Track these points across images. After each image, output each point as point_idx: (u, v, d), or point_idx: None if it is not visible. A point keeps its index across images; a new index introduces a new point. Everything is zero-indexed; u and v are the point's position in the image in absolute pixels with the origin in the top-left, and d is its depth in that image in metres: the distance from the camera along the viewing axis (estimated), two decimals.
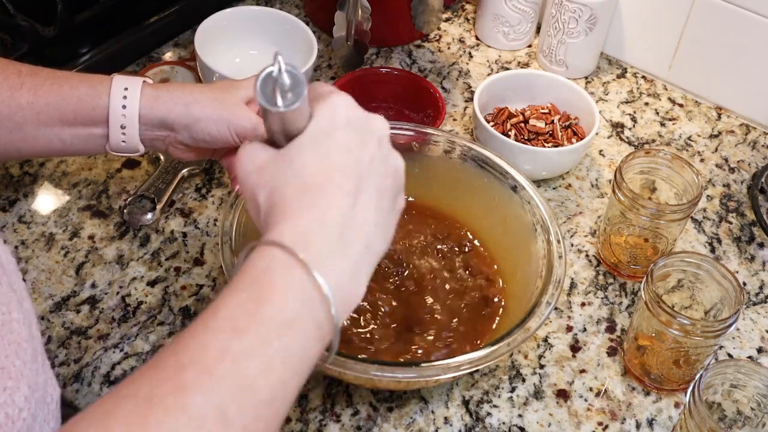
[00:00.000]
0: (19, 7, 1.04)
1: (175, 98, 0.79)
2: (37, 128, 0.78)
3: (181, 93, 0.80)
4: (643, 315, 0.82)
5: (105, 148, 0.80)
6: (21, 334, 0.54)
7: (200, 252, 0.94)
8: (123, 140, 0.79)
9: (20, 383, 0.51)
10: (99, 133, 0.79)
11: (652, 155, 0.93)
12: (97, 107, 0.78)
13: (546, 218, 0.85)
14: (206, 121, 0.79)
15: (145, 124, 0.79)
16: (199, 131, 0.79)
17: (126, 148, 0.80)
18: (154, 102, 0.78)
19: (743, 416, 0.79)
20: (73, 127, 0.78)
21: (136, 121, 0.78)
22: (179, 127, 0.79)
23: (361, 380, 0.79)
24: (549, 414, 0.83)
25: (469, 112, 1.13)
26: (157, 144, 0.81)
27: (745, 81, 1.13)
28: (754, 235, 1.02)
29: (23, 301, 0.57)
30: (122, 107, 0.78)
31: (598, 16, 1.12)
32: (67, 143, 0.80)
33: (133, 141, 0.80)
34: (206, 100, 0.79)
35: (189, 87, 0.81)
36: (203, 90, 0.80)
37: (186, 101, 0.79)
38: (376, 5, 1.06)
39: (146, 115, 0.78)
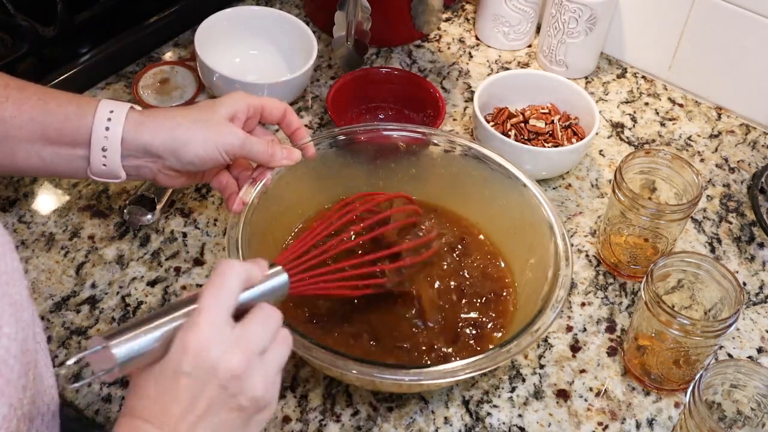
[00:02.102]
0: (19, 7, 1.04)
1: (158, 124, 0.79)
2: (18, 143, 0.77)
3: (163, 119, 0.79)
4: (643, 315, 0.82)
5: (86, 172, 0.80)
6: (10, 350, 0.53)
7: (200, 252, 0.94)
8: (104, 164, 0.78)
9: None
10: (80, 155, 0.78)
11: (652, 155, 0.93)
12: (82, 127, 0.77)
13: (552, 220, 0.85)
14: (193, 144, 0.78)
15: (128, 149, 0.78)
16: (186, 154, 0.78)
17: (107, 173, 0.79)
18: (138, 128, 0.78)
19: (743, 416, 0.79)
20: (55, 145, 0.78)
21: (118, 144, 0.77)
22: (166, 153, 0.78)
23: (362, 382, 0.79)
24: (549, 414, 0.83)
25: (469, 112, 1.13)
26: (144, 172, 0.81)
27: (745, 81, 1.13)
28: (754, 235, 1.02)
29: (23, 312, 0.56)
30: (105, 129, 0.77)
31: (598, 16, 1.12)
32: (47, 162, 0.79)
33: (114, 165, 0.79)
34: (189, 123, 0.79)
35: (172, 112, 0.80)
36: (185, 113, 0.80)
37: (170, 126, 0.78)
38: (376, 5, 1.06)
39: (130, 140, 0.78)
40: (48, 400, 0.63)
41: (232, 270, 0.61)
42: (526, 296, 0.85)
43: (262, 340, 0.60)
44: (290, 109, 0.85)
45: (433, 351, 0.82)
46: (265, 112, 0.84)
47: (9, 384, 0.52)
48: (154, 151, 0.78)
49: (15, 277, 0.57)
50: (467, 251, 0.90)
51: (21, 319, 0.56)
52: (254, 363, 0.59)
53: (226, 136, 0.79)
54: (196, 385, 0.57)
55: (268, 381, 0.60)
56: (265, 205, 0.85)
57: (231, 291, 0.60)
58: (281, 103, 0.85)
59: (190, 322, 0.58)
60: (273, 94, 1.06)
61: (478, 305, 0.86)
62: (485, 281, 0.88)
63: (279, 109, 0.85)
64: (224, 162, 0.81)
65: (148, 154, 0.79)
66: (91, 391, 0.81)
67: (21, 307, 0.56)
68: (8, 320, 0.54)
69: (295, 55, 1.12)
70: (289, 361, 0.84)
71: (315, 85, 1.14)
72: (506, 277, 0.89)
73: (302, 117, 1.10)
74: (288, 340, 0.63)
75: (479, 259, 0.90)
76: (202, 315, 0.58)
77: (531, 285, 0.85)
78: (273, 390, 0.61)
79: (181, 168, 0.80)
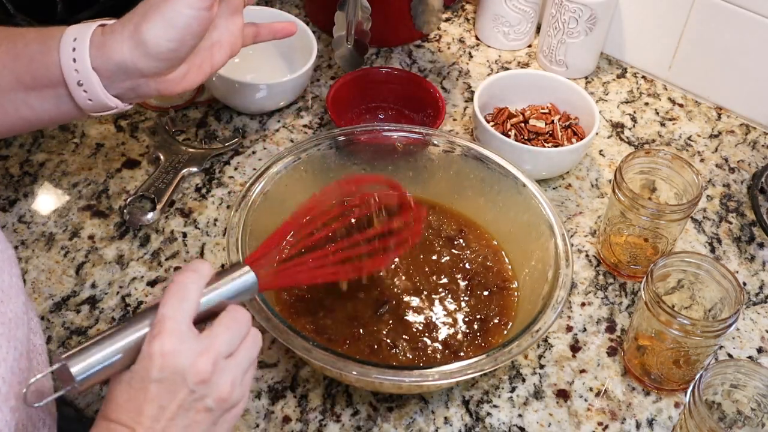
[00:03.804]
0: (19, 7, 1.04)
1: (120, 36, 0.70)
2: (3, 95, 0.71)
3: (122, 27, 0.71)
4: (643, 315, 0.82)
5: (80, 111, 0.73)
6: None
7: (200, 252, 0.94)
8: (89, 98, 0.71)
9: None
10: (64, 94, 0.71)
11: (652, 155, 0.93)
12: (50, 65, 0.69)
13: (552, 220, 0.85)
14: (155, 29, 0.69)
15: (106, 76, 0.70)
16: (156, 47, 0.70)
17: (99, 107, 0.72)
18: (103, 49, 0.69)
19: (743, 416, 0.79)
20: (36, 90, 0.71)
21: (92, 75, 0.69)
22: (140, 61, 0.70)
23: (362, 383, 0.79)
24: (549, 414, 0.83)
25: (469, 112, 1.13)
26: (142, 91, 0.73)
27: (745, 81, 1.13)
28: (754, 235, 1.02)
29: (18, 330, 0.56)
30: (73, 61, 0.69)
31: (598, 16, 1.12)
32: (37, 109, 0.72)
33: (100, 97, 0.71)
34: (144, 13, 0.70)
35: (129, 15, 0.72)
36: (136, 10, 0.72)
37: (129, 32, 0.70)
38: (376, 5, 1.06)
39: (101, 66, 0.70)
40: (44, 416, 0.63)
41: (187, 277, 0.61)
42: (527, 296, 0.85)
43: (229, 344, 0.60)
44: None
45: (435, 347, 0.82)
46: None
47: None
48: (131, 67, 0.70)
49: (11, 294, 0.56)
50: (467, 243, 0.91)
51: (14, 338, 0.55)
52: (221, 366, 0.59)
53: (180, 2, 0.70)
54: (165, 390, 0.58)
55: (235, 382, 0.60)
56: (265, 205, 0.85)
57: (190, 298, 0.60)
58: None
59: (154, 332, 0.58)
60: (273, 94, 1.06)
61: (481, 297, 0.86)
62: (487, 273, 0.88)
63: None
64: (201, 21, 0.71)
65: (127, 72, 0.71)
66: (91, 391, 0.81)
67: (15, 325, 0.56)
68: None
69: (295, 55, 1.12)
70: (289, 361, 0.84)
71: (315, 85, 1.14)
72: (507, 271, 0.89)
73: (302, 117, 1.10)
74: (257, 340, 0.63)
75: (478, 251, 0.90)
76: (165, 324, 0.58)
77: (531, 285, 0.85)
78: (242, 389, 0.61)
79: (167, 63, 0.72)
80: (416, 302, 0.85)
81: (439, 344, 0.82)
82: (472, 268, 0.89)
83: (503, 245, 0.91)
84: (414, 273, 0.87)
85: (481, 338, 0.83)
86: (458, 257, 0.90)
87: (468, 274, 0.88)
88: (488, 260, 0.90)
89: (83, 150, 1.02)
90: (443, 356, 0.81)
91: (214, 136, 1.06)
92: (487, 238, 0.92)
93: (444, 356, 0.81)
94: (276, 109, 1.10)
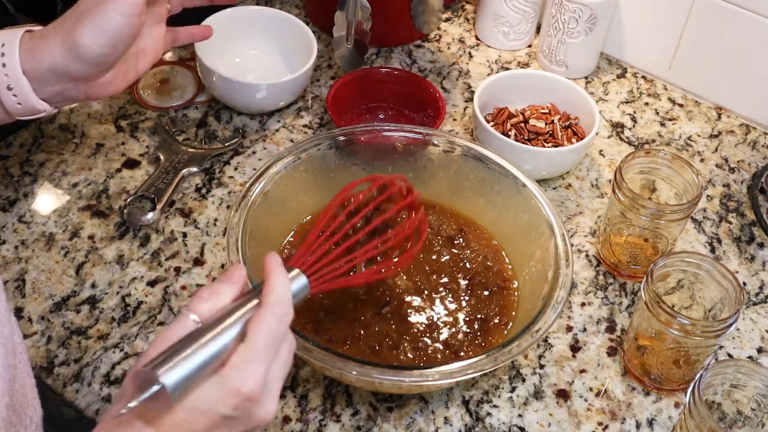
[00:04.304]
0: (19, 7, 1.04)
1: (51, 41, 0.71)
2: None
3: (54, 31, 0.72)
4: (643, 315, 0.82)
5: (8, 115, 0.74)
6: None
7: (200, 252, 0.94)
8: (18, 102, 0.72)
9: None
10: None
11: (652, 155, 0.93)
12: None
13: (552, 220, 0.85)
14: (88, 35, 0.71)
15: (36, 79, 0.71)
16: (87, 50, 0.71)
17: (27, 110, 0.73)
18: (34, 53, 0.70)
19: (743, 416, 0.79)
20: None
21: (22, 79, 0.71)
22: (71, 65, 0.71)
23: (362, 383, 0.79)
24: (549, 414, 0.83)
25: (469, 112, 1.13)
26: (70, 94, 0.74)
27: (745, 81, 1.13)
28: (754, 235, 1.02)
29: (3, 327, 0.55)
30: (2, 66, 0.70)
31: (598, 16, 1.12)
32: None
33: (29, 101, 0.72)
34: (76, 19, 0.71)
35: (60, 20, 0.73)
36: (69, 15, 0.73)
37: (61, 37, 0.71)
38: (376, 5, 1.06)
39: (31, 70, 0.71)
40: (31, 413, 0.62)
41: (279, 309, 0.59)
42: (527, 296, 0.85)
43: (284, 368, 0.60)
44: None
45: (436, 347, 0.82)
46: None
47: None
48: (62, 70, 0.72)
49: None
50: (467, 243, 0.91)
51: (1, 335, 0.54)
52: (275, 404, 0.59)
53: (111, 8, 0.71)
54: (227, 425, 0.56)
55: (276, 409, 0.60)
56: (265, 205, 0.85)
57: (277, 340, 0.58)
58: None
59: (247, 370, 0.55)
60: (273, 94, 1.06)
61: (482, 297, 0.86)
62: (487, 273, 0.88)
63: None
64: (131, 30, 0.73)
65: (58, 75, 0.72)
66: (91, 391, 0.81)
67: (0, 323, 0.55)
68: None
69: (295, 55, 1.12)
70: None
71: (315, 85, 1.14)
72: (507, 271, 0.89)
73: (302, 117, 1.10)
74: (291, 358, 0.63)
75: (478, 250, 0.90)
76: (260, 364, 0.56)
77: (531, 285, 0.85)
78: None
79: (98, 68, 0.73)
80: (417, 302, 0.85)
81: (440, 344, 0.82)
82: (472, 268, 0.89)
83: (503, 245, 0.91)
84: (414, 272, 0.87)
85: (482, 338, 0.83)
86: (458, 257, 0.90)
87: (468, 273, 0.88)
88: (488, 260, 0.90)
89: (83, 150, 1.02)
90: (444, 356, 0.81)
91: (214, 136, 1.06)
92: (487, 237, 0.92)
93: (444, 356, 0.81)
94: (276, 109, 1.10)
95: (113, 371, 0.83)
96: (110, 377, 0.82)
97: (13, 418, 0.57)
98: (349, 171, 0.93)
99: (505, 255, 0.91)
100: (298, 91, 1.09)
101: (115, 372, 0.83)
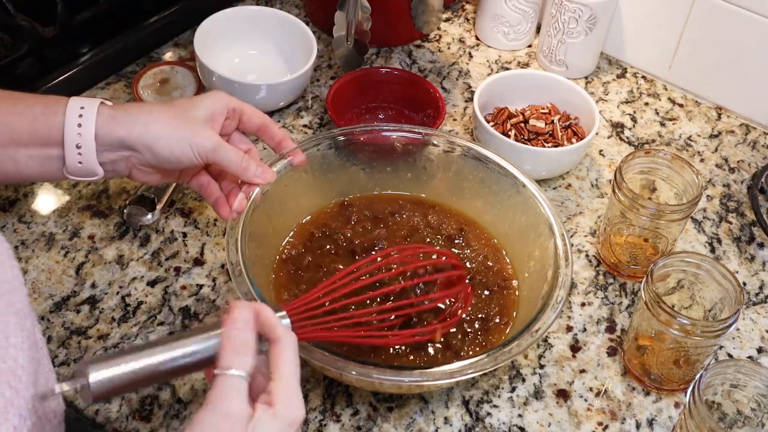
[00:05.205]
0: (19, 7, 1.04)
1: (133, 118, 0.78)
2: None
3: (139, 113, 0.78)
4: (643, 315, 0.82)
5: (62, 172, 0.78)
6: (18, 360, 0.53)
7: (200, 252, 0.94)
8: (79, 161, 0.77)
9: (9, 414, 0.51)
10: (55, 155, 0.77)
11: (652, 155, 0.93)
12: (53, 127, 0.76)
13: (552, 220, 0.85)
14: (167, 140, 0.77)
15: (102, 144, 0.77)
16: (161, 150, 0.78)
17: (83, 171, 0.78)
18: (111, 122, 0.77)
19: (743, 416, 0.79)
20: (27, 147, 0.76)
21: (92, 140, 0.76)
22: (141, 147, 0.77)
23: (362, 383, 0.79)
24: (549, 414, 0.83)
25: (469, 112, 1.13)
26: (119, 167, 0.80)
27: (745, 81, 1.13)
28: (754, 235, 1.02)
29: (26, 320, 0.56)
30: (78, 125, 0.76)
31: (598, 16, 1.12)
32: (21, 165, 0.77)
33: (90, 163, 0.77)
34: (166, 119, 0.78)
35: (148, 106, 0.80)
36: (162, 109, 0.79)
37: (145, 120, 0.77)
38: (376, 5, 1.06)
39: (103, 135, 0.77)
40: (55, 407, 0.63)
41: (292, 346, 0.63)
42: (526, 296, 0.85)
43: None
44: (270, 120, 0.85)
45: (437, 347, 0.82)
46: (244, 118, 0.84)
47: (18, 395, 0.53)
48: (129, 145, 0.77)
49: (15, 285, 0.57)
50: (467, 242, 0.91)
51: (25, 328, 0.56)
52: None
53: (200, 138, 0.78)
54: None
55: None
56: (265, 205, 0.85)
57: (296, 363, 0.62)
58: (262, 113, 0.85)
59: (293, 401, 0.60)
60: (273, 94, 1.06)
61: (482, 297, 0.86)
62: (488, 273, 0.88)
63: (258, 118, 0.84)
64: (199, 163, 0.80)
65: (123, 147, 0.78)
66: None
67: (24, 315, 0.56)
68: (14, 329, 0.54)
69: (295, 55, 1.12)
70: None
71: (315, 85, 1.14)
72: (507, 270, 0.89)
73: (302, 117, 1.10)
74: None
75: (479, 250, 0.91)
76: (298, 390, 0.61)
77: (531, 284, 0.85)
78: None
79: (156, 164, 0.79)
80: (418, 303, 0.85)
81: (440, 344, 0.82)
82: (472, 267, 0.89)
83: (503, 245, 0.91)
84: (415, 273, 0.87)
85: (482, 338, 0.83)
86: (459, 256, 0.90)
87: (469, 273, 0.88)
88: (489, 260, 0.90)
89: None
90: (444, 356, 0.81)
91: None
92: (486, 237, 0.92)
93: (445, 357, 0.81)
94: (276, 109, 1.10)
95: None
96: None
97: (39, 410, 0.57)
98: (349, 171, 0.93)
99: (505, 254, 0.91)
100: (298, 91, 1.09)
101: None
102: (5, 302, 0.54)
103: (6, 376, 0.52)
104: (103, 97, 1.08)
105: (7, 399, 0.51)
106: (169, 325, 0.87)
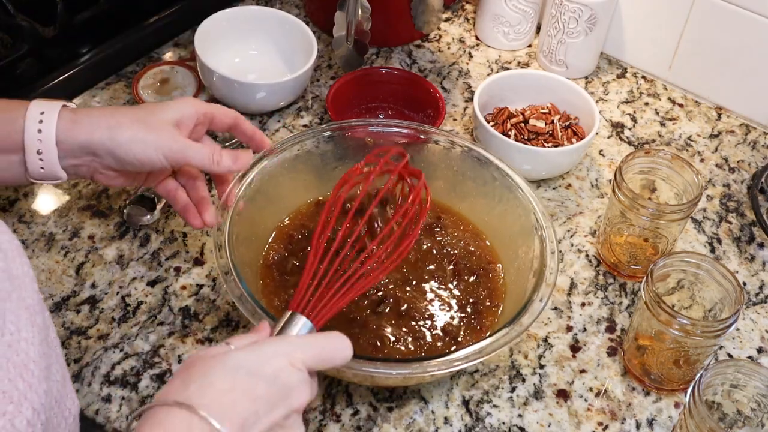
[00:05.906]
0: (19, 7, 1.04)
1: (95, 122, 0.76)
2: None
3: (101, 116, 0.77)
4: (643, 315, 0.82)
5: (26, 177, 0.77)
6: (29, 354, 0.53)
7: (200, 252, 0.94)
8: (41, 167, 0.76)
9: (22, 407, 0.51)
10: (16, 160, 0.76)
11: (652, 155, 0.93)
12: (13, 132, 0.74)
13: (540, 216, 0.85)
14: (131, 144, 0.76)
15: (65, 150, 0.76)
16: (124, 155, 0.76)
17: (46, 176, 0.77)
18: (73, 126, 0.75)
19: (743, 416, 0.79)
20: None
21: (54, 146, 0.75)
22: (102, 151, 0.76)
23: (358, 377, 0.79)
24: (549, 414, 0.83)
25: (469, 112, 1.13)
26: (82, 171, 0.79)
27: (745, 81, 1.13)
28: (754, 235, 1.02)
29: (36, 316, 0.56)
30: (38, 131, 0.74)
31: (598, 16, 1.12)
32: None
33: (52, 167, 0.76)
34: (130, 123, 0.77)
35: (111, 110, 0.78)
36: (127, 112, 0.78)
37: (108, 124, 0.76)
38: (376, 5, 1.06)
39: (64, 140, 0.75)
40: (69, 405, 0.63)
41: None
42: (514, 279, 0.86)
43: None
44: (241, 117, 0.84)
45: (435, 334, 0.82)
46: (215, 120, 0.82)
47: (31, 389, 0.53)
48: (92, 150, 0.76)
49: (26, 281, 0.57)
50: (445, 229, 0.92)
51: (35, 323, 0.56)
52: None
53: (166, 140, 0.77)
54: (270, 397, 0.58)
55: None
56: (255, 201, 0.85)
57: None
58: (231, 110, 0.83)
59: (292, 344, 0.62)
60: (273, 94, 1.06)
61: (470, 282, 0.87)
62: (471, 257, 0.90)
63: (229, 116, 0.83)
64: (165, 167, 0.79)
65: (85, 152, 0.76)
66: (91, 391, 0.81)
67: (35, 311, 0.56)
68: (25, 324, 0.54)
69: (295, 55, 1.12)
70: None
71: (315, 85, 1.14)
72: (489, 254, 0.90)
73: (302, 117, 1.10)
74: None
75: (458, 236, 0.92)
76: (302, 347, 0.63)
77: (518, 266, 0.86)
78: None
79: (120, 168, 0.78)
80: (410, 293, 0.85)
81: (438, 331, 0.83)
82: (455, 253, 0.89)
83: (483, 229, 0.92)
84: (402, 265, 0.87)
85: (476, 321, 0.84)
86: (440, 244, 0.90)
87: (453, 259, 0.89)
88: (470, 245, 0.91)
89: None
90: (444, 343, 0.82)
91: (214, 136, 1.05)
92: (464, 223, 0.93)
93: (445, 343, 0.82)
94: (276, 109, 1.10)
95: (113, 371, 0.83)
96: (110, 377, 0.82)
97: (54, 407, 0.57)
98: (341, 166, 0.93)
99: (485, 239, 0.92)
100: (298, 91, 1.09)
101: (114, 372, 0.83)
102: (17, 297, 0.54)
103: (19, 369, 0.52)
104: (103, 97, 1.08)
105: (21, 391, 0.51)
106: (170, 325, 0.87)
